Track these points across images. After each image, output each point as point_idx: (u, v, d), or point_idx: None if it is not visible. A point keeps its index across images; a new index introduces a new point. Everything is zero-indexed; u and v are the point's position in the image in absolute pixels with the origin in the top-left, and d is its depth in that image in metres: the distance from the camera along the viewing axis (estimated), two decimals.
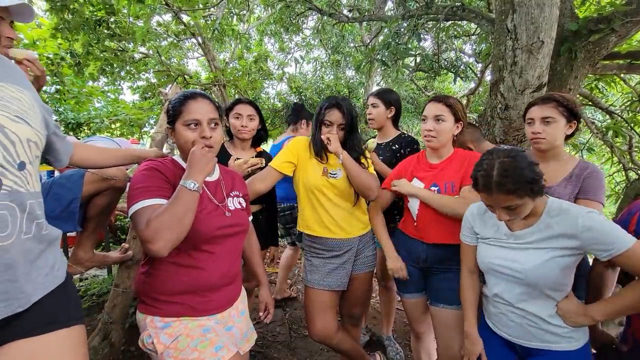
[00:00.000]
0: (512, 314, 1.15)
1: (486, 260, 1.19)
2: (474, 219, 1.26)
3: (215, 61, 6.29)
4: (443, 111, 1.46)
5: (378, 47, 3.83)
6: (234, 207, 1.16)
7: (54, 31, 4.29)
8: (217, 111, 1.11)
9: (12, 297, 0.69)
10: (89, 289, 2.71)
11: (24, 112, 0.75)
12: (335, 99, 1.56)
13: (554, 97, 1.38)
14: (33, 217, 0.74)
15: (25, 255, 0.72)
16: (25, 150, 0.72)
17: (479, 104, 6.91)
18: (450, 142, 1.52)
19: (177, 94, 1.13)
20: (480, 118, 2.40)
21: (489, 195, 1.03)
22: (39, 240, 0.76)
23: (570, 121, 1.37)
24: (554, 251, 1.05)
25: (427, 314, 1.59)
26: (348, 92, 9.55)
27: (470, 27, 5.11)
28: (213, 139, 1.06)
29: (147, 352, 1.03)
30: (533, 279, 1.07)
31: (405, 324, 2.65)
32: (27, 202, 0.72)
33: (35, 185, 0.76)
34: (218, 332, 1.01)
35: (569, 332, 1.09)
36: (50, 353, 0.77)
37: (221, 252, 1.09)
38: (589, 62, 2.24)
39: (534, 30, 1.81)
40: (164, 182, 1.01)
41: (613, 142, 3.83)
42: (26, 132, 0.73)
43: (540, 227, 1.09)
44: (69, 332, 0.82)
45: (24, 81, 0.83)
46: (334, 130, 1.52)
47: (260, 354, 2.19)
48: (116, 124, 5.87)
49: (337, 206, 1.56)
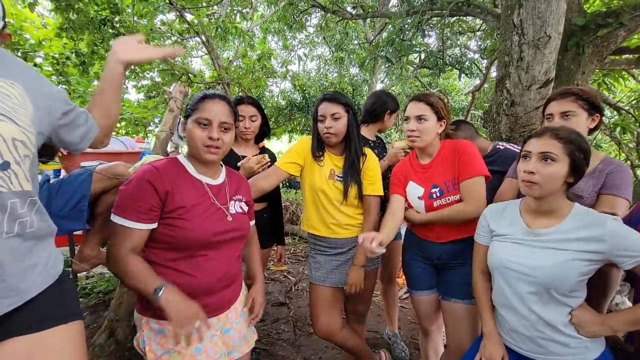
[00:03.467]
0: (522, 326, 1.09)
1: (499, 256, 1.14)
2: (491, 216, 1.22)
3: (219, 59, 6.29)
4: (424, 110, 1.42)
5: (382, 43, 3.82)
6: (236, 211, 1.15)
7: (59, 31, 4.32)
8: (232, 115, 1.10)
9: (3, 295, 0.70)
10: (96, 287, 2.74)
11: (11, 110, 0.73)
12: (325, 93, 1.56)
13: (572, 90, 1.30)
14: (15, 217, 0.73)
15: (12, 254, 0.72)
16: (9, 149, 0.71)
17: (484, 100, 6.85)
18: (437, 139, 1.48)
19: (196, 93, 1.13)
20: (486, 115, 2.37)
21: None
22: (24, 238, 0.75)
23: (592, 114, 1.28)
24: (575, 254, 1.00)
25: (437, 312, 1.58)
26: (352, 89, 9.54)
27: (475, 23, 5.06)
28: (221, 141, 1.05)
29: (140, 352, 1.04)
30: (546, 278, 1.02)
31: (410, 321, 2.64)
32: (7, 202, 0.71)
33: (22, 184, 0.74)
34: (209, 354, 1.01)
35: (580, 343, 1.03)
36: (48, 349, 0.77)
37: (218, 256, 1.08)
38: (597, 57, 2.20)
39: (540, 25, 1.79)
40: (153, 201, 0.99)
41: (621, 138, 3.78)
42: (11, 131, 0.71)
43: (563, 228, 1.04)
44: (66, 328, 0.82)
45: (17, 73, 0.80)
46: (328, 121, 1.50)
47: (265, 351, 2.20)
48: (121, 123, 5.90)
49: (339, 209, 1.55)
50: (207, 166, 1.12)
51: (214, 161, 1.09)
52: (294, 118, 10.09)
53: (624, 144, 3.84)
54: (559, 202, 1.05)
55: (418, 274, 1.56)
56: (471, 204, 1.35)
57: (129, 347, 1.84)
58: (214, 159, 1.08)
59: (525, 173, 1.04)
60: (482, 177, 1.37)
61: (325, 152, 1.59)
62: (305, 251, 4.23)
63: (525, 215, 1.13)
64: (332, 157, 1.58)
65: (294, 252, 4.23)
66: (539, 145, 1.03)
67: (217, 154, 1.07)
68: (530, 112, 1.98)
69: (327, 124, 1.50)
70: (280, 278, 3.44)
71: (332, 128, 1.49)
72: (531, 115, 1.99)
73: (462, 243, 1.42)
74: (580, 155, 1.00)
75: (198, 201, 1.05)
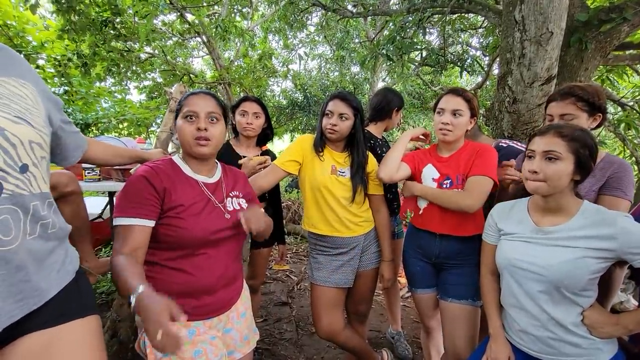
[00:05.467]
0: (532, 326, 1.08)
1: (508, 255, 1.12)
2: (498, 215, 1.21)
3: (220, 59, 6.30)
4: (461, 105, 1.42)
5: (383, 41, 3.80)
6: (233, 208, 1.14)
7: (61, 33, 4.34)
8: (219, 107, 1.10)
9: (27, 296, 0.71)
10: (98, 287, 2.75)
11: (25, 111, 0.73)
12: (339, 91, 1.57)
13: (573, 91, 1.27)
14: (37, 218, 0.74)
15: (34, 255, 0.73)
16: (27, 152, 0.71)
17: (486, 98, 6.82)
18: (463, 136, 1.49)
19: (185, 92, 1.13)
20: (488, 112, 2.36)
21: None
22: (46, 239, 0.77)
23: (594, 114, 1.26)
24: (585, 251, 0.98)
25: (438, 310, 1.58)
26: (353, 88, 9.52)
27: (476, 20, 5.03)
28: (209, 133, 1.05)
29: (141, 354, 1.04)
30: (556, 276, 1.00)
31: (412, 320, 2.64)
32: (30, 205, 0.72)
33: (41, 186, 0.75)
34: (209, 356, 1.00)
35: (592, 344, 1.01)
36: (64, 342, 0.78)
37: (218, 254, 1.07)
38: (600, 53, 2.18)
39: (542, 21, 1.77)
40: (151, 198, 0.98)
41: (625, 134, 3.74)
42: (28, 134, 0.71)
43: (572, 226, 1.02)
44: (83, 322, 0.83)
45: (27, 73, 0.81)
46: (335, 119, 1.51)
47: (267, 351, 2.20)
48: (124, 124, 5.92)
49: (342, 205, 1.55)
50: (201, 163, 1.12)
51: (205, 154, 1.08)
52: (296, 117, 10.08)
53: (628, 140, 3.80)
54: (567, 199, 1.04)
55: (418, 272, 1.56)
56: (470, 197, 1.34)
57: (132, 348, 1.84)
58: (205, 151, 1.06)
59: (530, 172, 1.03)
60: (490, 179, 1.37)
61: (326, 148, 1.59)
62: (307, 251, 4.22)
63: (534, 214, 1.11)
64: (332, 153, 1.59)
65: (296, 252, 4.22)
66: (543, 144, 1.02)
67: (208, 146, 1.06)
68: (533, 109, 1.96)
69: (333, 121, 1.50)
70: (282, 277, 3.44)
71: (336, 126, 1.50)
72: (533, 112, 1.97)
73: (460, 244, 1.43)
74: (586, 152, 0.99)
75: (196, 200, 1.05)
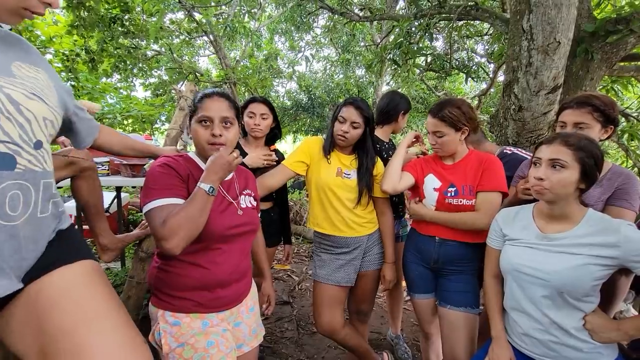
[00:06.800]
0: (534, 329, 1.10)
1: (512, 260, 1.14)
2: (503, 220, 1.22)
3: (226, 59, 6.34)
4: (439, 127, 1.42)
5: (389, 46, 3.83)
6: (246, 206, 1.17)
7: (70, 28, 4.38)
8: (233, 110, 1.11)
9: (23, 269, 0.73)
10: None
11: (39, 90, 0.73)
12: (354, 98, 1.58)
13: (590, 101, 1.26)
14: (49, 196, 0.74)
15: (44, 231, 0.76)
16: (41, 128, 0.71)
17: (490, 105, 6.84)
18: (461, 145, 1.49)
19: (198, 92, 1.14)
20: (492, 119, 2.38)
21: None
22: (55, 217, 0.79)
23: (607, 126, 1.27)
24: (589, 258, 1.00)
25: (437, 315, 1.59)
26: (357, 91, 9.55)
27: (482, 27, 5.06)
28: (224, 138, 1.07)
29: (155, 346, 1.06)
30: (560, 282, 1.02)
31: (412, 324, 2.65)
32: (41, 181, 0.72)
33: (50, 164, 0.76)
34: (221, 348, 1.02)
35: (593, 349, 1.03)
36: (55, 285, 0.76)
37: (231, 249, 1.10)
38: (606, 64, 2.20)
39: (550, 30, 1.79)
40: (178, 181, 1.02)
41: (628, 145, 3.76)
42: (42, 110, 0.72)
43: (577, 233, 1.04)
44: (74, 266, 0.82)
45: (41, 62, 0.82)
46: (347, 126, 1.53)
47: (268, 349, 2.22)
48: (128, 120, 5.95)
49: (346, 206, 1.57)
50: None
51: None
52: (299, 119, 10.12)
53: (631, 150, 3.82)
54: (572, 207, 1.06)
55: (416, 277, 1.57)
56: (485, 217, 1.34)
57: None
58: None
59: (535, 179, 1.05)
60: (499, 193, 1.39)
61: (334, 150, 1.62)
62: (308, 251, 4.24)
63: (539, 220, 1.13)
64: (339, 156, 1.61)
65: (298, 252, 4.24)
66: (549, 152, 1.04)
67: (225, 150, 1.08)
68: (538, 117, 1.99)
69: (345, 129, 1.53)
70: (284, 277, 3.46)
71: (347, 133, 1.53)
72: (539, 120, 2.00)
73: (459, 250, 1.43)
74: (591, 161, 1.01)
75: None
